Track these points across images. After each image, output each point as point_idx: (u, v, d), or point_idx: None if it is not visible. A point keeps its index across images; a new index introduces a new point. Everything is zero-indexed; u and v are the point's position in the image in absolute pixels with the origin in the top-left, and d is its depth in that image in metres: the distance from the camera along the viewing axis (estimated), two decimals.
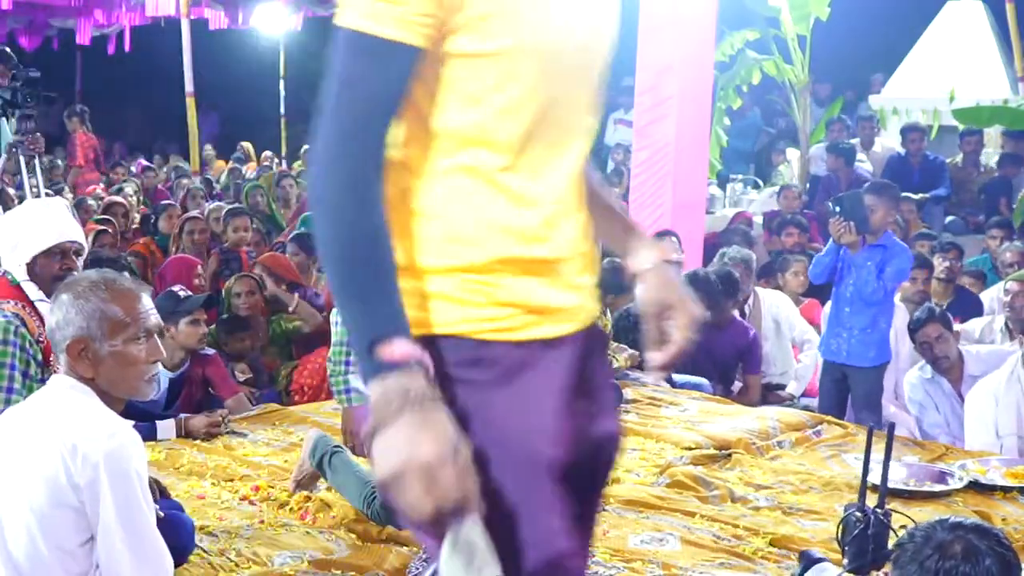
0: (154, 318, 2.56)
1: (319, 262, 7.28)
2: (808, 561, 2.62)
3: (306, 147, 16.37)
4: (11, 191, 5.84)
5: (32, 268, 3.64)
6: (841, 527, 2.56)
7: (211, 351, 5.27)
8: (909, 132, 9.54)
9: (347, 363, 3.60)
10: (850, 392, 5.54)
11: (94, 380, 2.48)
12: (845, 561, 2.48)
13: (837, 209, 5.28)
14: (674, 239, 7.05)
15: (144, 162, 13.83)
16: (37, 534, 2.38)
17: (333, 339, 3.62)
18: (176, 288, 5.23)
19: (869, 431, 2.74)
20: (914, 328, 5.34)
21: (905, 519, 2.79)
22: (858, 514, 2.51)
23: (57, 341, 2.49)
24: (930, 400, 5.29)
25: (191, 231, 7.34)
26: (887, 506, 2.76)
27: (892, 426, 2.79)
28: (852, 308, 5.40)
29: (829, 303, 6.65)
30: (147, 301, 2.56)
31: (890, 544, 2.47)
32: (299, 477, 4.13)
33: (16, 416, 2.52)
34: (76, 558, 2.41)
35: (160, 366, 2.60)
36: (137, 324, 2.51)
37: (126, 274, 2.80)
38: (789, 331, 6.63)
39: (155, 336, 2.56)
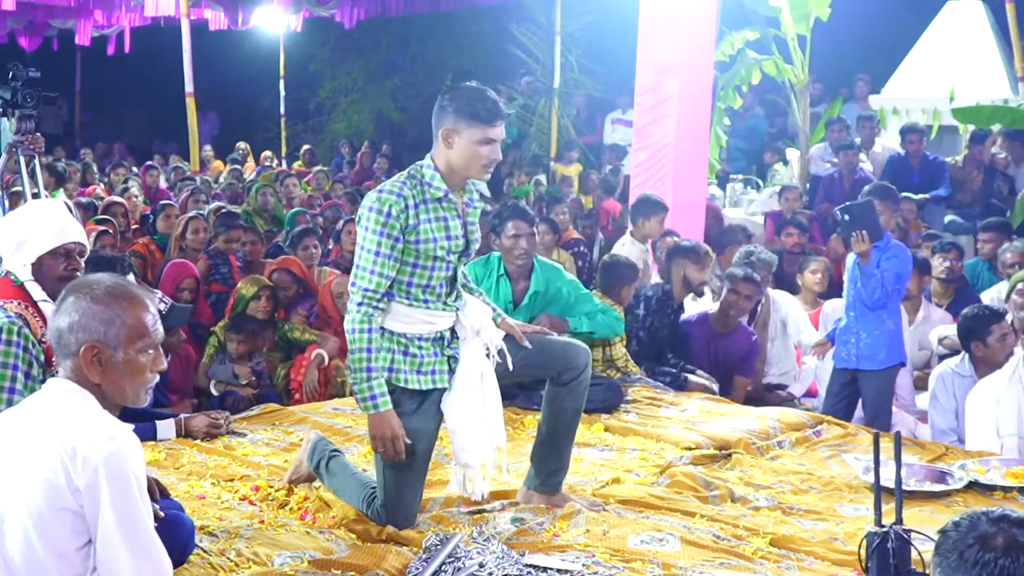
0: (161, 330, 2.58)
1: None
2: None
3: (306, 146, 16.42)
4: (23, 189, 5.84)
5: (37, 268, 3.64)
6: (863, 547, 2.52)
7: None
8: (909, 133, 9.53)
9: (369, 369, 3.55)
10: (860, 395, 5.52)
11: (99, 385, 2.48)
12: None
13: (846, 217, 5.23)
14: (676, 239, 7.07)
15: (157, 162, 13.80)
16: (34, 537, 2.37)
17: (350, 347, 3.57)
18: (156, 297, 5.28)
19: (875, 439, 2.71)
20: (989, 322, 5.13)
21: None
22: (876, 529, 2.47)
23: (67, 343, 2.46)
24: (951, 401, 5.20)
25: (195, 231, 7.35)
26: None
27: (899, 435, 2.75)
28: (857, 312, 5.39)
29: (828, 303, 6.67)
30: (155, 311, 2.57)
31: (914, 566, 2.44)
32: (294, 476, 4.14)
33: (13, 418, 2.51)
34: (72, 562, 2.40)
35: None
36: (150, 336, 2.53)
37: (131, 278, 2.80)
38: (796, 333, 6.64)
39: (160, 348, 2.58)
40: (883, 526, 2.45)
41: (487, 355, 3.73)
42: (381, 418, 3.56)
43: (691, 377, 5.95)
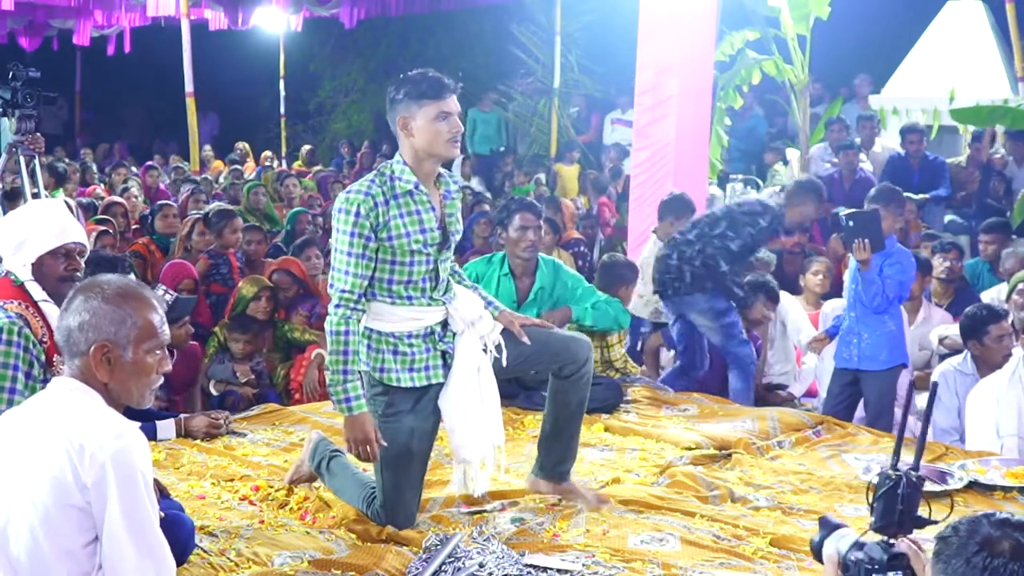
0: (168, 332, 2.61)
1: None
2: (828, 527, 2.57)
3: (307, 147, 16.40)
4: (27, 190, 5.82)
5: (38, 268, 3.64)
6: (873, 485, 2.51)
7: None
8: (908, 133, 9.51)
9: (345, 372, 3.56)
10: (862, 396, 5.51)
11: (107, 385, 2.49)
12: (872, 519, 2.44)
13: (850, 224, 5.21)
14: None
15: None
16: (41, 534, 2.38)
17: (328, 348, 3.58)
18: (159, 291, 5.25)
19: (910, 386, 2.70)
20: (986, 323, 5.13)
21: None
22: (891, 472, 2.46)
23: (76, 342, 2.48)
24: (954, 400, 5.18)
25: (201, 232, 7.30)
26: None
27: (935, 385, 2.72)
28: (858, 313, 5.38)
29: (827, 303, 6.67)
30: (163, 313, 2.60)
31: (920, 511, 2.42)
32: (295, 476, 4.14)
33: (20, 416, 2.52)
34: (78, 559, 2.41)
35: None
36: (158, 337, 2.55)
37: (132, 278, 2.81)
38: (795, 333, 6.64)
39: (166, 350, 2.60)
40: (898, 470, 2.43)
41: (484, 350, 3.73)
42: (355, 421, 3.57)
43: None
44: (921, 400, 5.92)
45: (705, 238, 5.92)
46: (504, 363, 3.76)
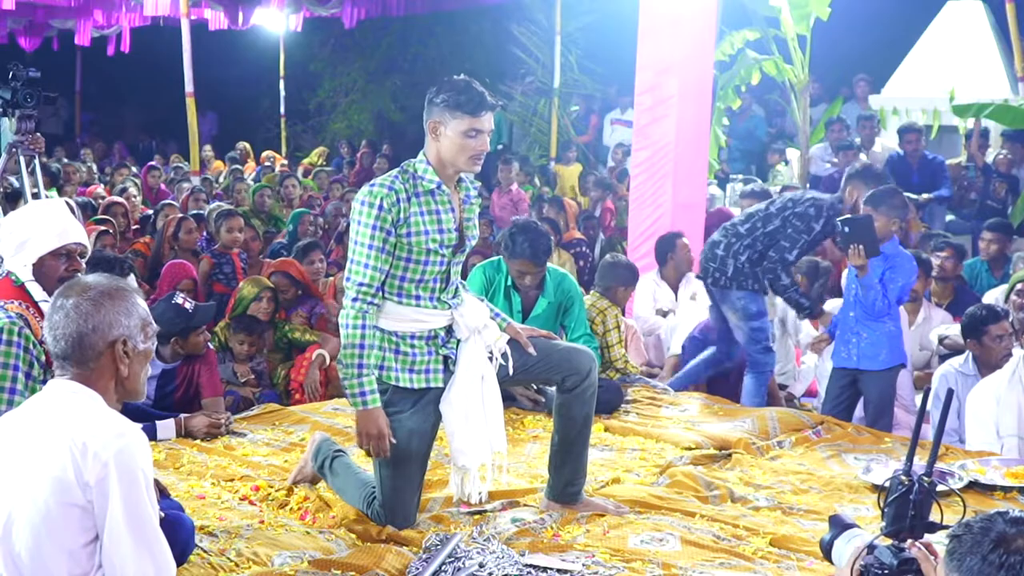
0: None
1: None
2: (839, 526, 2.56)
3: (323, 149, 16.37)
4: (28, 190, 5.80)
5: (39, 269, 3.65)
6: (886, 488, 2.49)
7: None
8: (906, 132, 9.51)
9: (360, 366, 3.55)
10: (862, 396, 5.51)
11: (123, 379, 2.54)
12: (883, 523, 2.43)
13: (846, 229, 5.21)
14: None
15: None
16: (42, 534, 2.39)
17: (343, 342, 3.57)
18: (179, 299, 5.15)
19: (925, 393, 2.71)
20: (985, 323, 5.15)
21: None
22: (904, 477, 2.45)
23: (91, 344, 2.49)
24: (954, 400, 5.16)
25: (188, 231, 7.31)
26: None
27: (951, 392, 2.71)
28: (857, 313, 5.38)
29: (827, 303, 6.66)
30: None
31: (933, 516, 2.42)
32: (298, 476, 4.14)
33: (20, 417, 2.53)
34: (78, 559, 2.42)
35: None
36: (153, 323, 2.62)
37: (132, 279, 2.86)
38: (795, 332, 6.63)
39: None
40: (910, 476, 2.42)
41: (490, 358, 3.72)
42: (368, 415, 3.57)
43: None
44: (918, 399, 5.92)
45: (757, 234, 5.80)
46: (511, 371, 3.76)
